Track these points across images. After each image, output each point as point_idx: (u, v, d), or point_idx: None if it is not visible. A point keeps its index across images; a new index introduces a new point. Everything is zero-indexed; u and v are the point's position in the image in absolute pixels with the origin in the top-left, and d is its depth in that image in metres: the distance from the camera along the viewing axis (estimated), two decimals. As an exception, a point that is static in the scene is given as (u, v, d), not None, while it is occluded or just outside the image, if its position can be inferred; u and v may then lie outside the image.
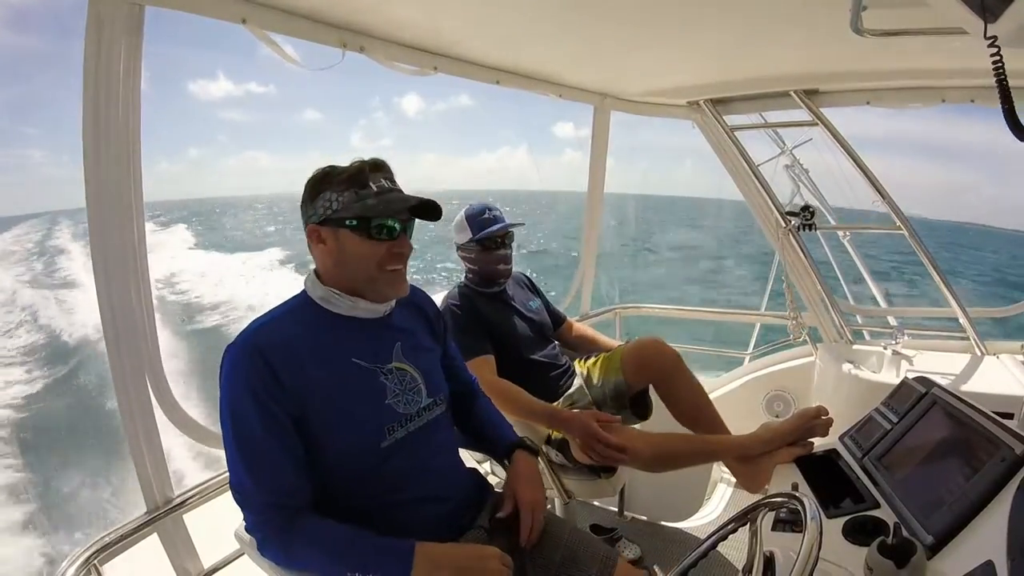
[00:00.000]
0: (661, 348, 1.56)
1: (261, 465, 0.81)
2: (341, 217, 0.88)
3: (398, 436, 0.90)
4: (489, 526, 0.98)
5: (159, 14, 1.07)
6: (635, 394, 1.56)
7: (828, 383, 2.33)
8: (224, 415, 0.83)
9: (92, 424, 6.55)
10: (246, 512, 0.83)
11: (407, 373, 0.95)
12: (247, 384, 0.81)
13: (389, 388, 0.92)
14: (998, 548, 0.68)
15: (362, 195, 0.88)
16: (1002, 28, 0.62)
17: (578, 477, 1.51)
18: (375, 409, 0.90)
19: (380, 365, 0.92)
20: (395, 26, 1.42)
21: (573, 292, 2.66)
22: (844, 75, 1.94)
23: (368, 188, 0.89)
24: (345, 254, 0.89)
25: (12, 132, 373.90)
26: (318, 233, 0.90)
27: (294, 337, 0.86)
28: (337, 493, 0.87)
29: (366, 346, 0.92)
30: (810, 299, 2.50)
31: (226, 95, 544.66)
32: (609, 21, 1.42)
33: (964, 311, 2.24)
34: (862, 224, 2.62)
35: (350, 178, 0.89)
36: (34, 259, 20.37)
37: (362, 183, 0.89)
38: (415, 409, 0.94)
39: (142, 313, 1.11)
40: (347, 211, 0.88)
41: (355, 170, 0.90)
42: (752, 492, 1.33)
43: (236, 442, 0.81)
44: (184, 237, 27.01)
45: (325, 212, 0.88)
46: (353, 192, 0.88)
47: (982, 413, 0.95)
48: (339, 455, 0.86)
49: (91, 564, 1.01)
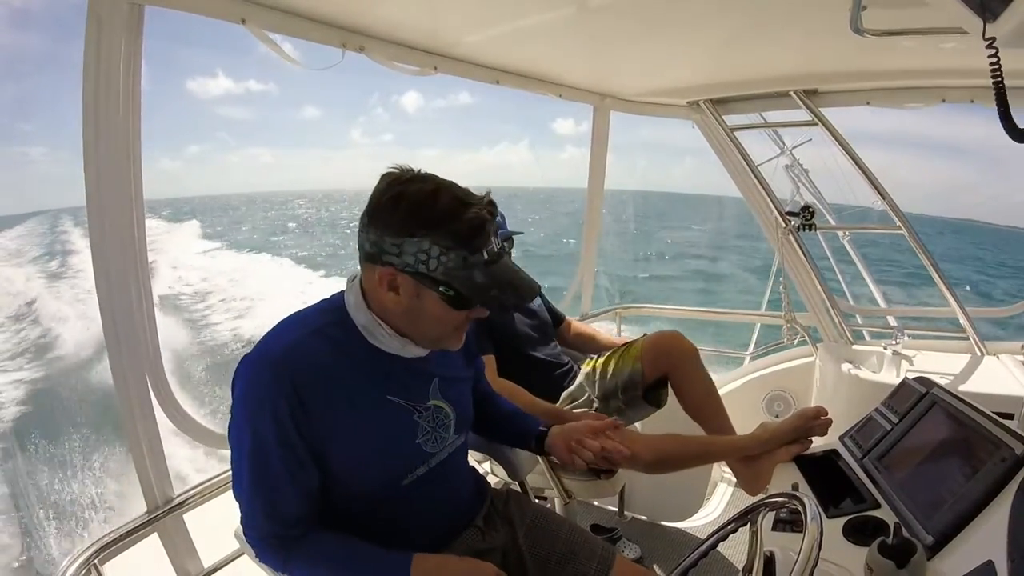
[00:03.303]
0: (680, 340, 1.58)
1: (271, 495, 0.76)
2: (437, 280, 0.74)
3: (419, 473, 0.85)
4: (484, 525, 0.98)
5: (159, 13, 1.07)
6: (650, 384, 1.57)
7: (828, 383, 2.33)
8: (240, 433, 0.75)
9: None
10: (246, 529, 0.80)
11: (442, 410, 0.88)
12: (271, 409, 0.72)
13: (421, 427, 0.85)
14: (998, 548, 0.68)
15: (470, 262, 0.74)
16: (1001, 28, 0.62)
17: (578, 477, 1.51)
18: (404, 450, 0.83)
19: (417, 403, 0.85)
20: (395, 26, 1.42)
21: (573, 292, 2.66)
22: (844, 75, 1.94)
23: (479, 255, 0.74)
24: (422, 314, 0.78)
25: (13, 129, 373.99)
26: (393, 279, 0.75)
27: (330, 366, 0.76)
28: (348, 516, 0.84)
29: (405, 382, 0.84)
30: (810, 299, 2.50)
31: (225, 92, 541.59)
32: (609, 21, 1.42)
33: (964, 311, 2.24)
34: (862, 224, 2.62)
35: (462, 235, 0.73)
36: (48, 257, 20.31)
37: (474, 247, 0.74)
38: (441, 448, 0.88)
39: (142, 313, 1.11)
40: (448, 276, 0.74)
41: (471, 227, 0.73)
42: (752, 494, 1.33)
43: (249, 466, 0.75)
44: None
45: (417, 266, 0.73)
46: (461, 257, 0.73)
47: (982, 413, 0.95)
48: (356, 492, 0.81)
49: (91, 564, 1.01)
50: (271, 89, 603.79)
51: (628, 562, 1.00)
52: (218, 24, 1.17)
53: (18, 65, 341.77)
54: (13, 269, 17.14)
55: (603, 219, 2.76)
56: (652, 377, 1.56)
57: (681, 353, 1.56)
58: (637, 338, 1.68)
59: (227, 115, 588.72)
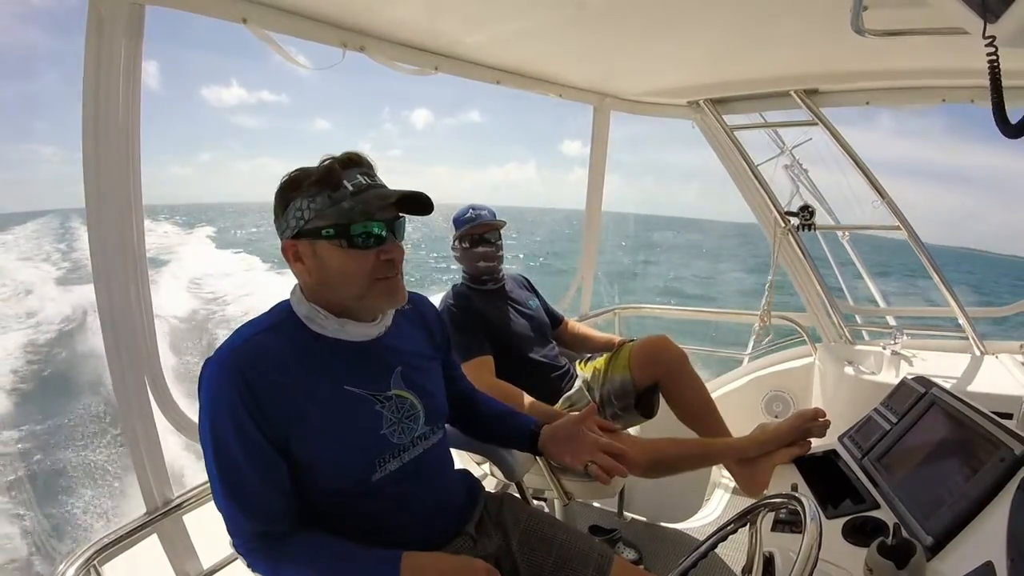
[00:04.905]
0: (668, 345, 1.58)
1: (243, 492, 0.76)
2: (316, 227, 0.78)
3: (391, 468, 0.84)
4: (476, 532, 0.96)
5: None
6: (641, 392, 1.56)
7: (827, 383, 2.33)
8: (204, 435, 0.76)
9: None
10: (232, 537, 0.79)
11: (406, 400, 0.87)
12: (227, 406, 0.74)
13: (385, 417, 0.84)
14: (998, 548, 0.69)
15: (336, 198, 0.78)
16: (1002, 28, 0.62)
17: (578, 478, 1.51)
18: (368, 441, 0.82)
19: (377, 393, 0.84)
20: (395, 26, 1.42)
21: (572, 292, 2.66)
22: (844, 75, 1.94)
23: (342, 188, 0.78)
24: (328, 270, 0.80)
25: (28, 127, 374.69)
26: (294, 249, 0.80)
27: (279, 360, 0.78)
28: (325, 514, 0.83)
29: (362, 372, 0.84)
30: (809, 299, 2.50)
31: (239, 101, 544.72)
32: (609, 20, 1.42)
33: (963, 311, 2.24)
34: (862, 224, 2.62)
35: (320, 180, 0.78)
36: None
37: (335, 184, 0.78)
38: (410, 438, 0.87)
39: (141, 313, 1.10)
40: (322, 219, 0.77)
41: (325, 170, 0.79)
42: (751, 496, 1.33)
43: (217, 466, 0.76)
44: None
45: (298, 224, 0.78)
46: (326, 196, 0.78)
47: (981, 413, 0.95)
48: (327, 486, 0.81)
49: (91, 564, 1.00)
50: (283, 100, 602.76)
51: (627, 564, 0.98)
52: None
53: (33, 63, 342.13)
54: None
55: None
56: (643, 384, 1.55)
57: (669, 359, 1.55)
58: (625, 342, 1.68)
59: (239, 123, 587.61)
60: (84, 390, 7.69)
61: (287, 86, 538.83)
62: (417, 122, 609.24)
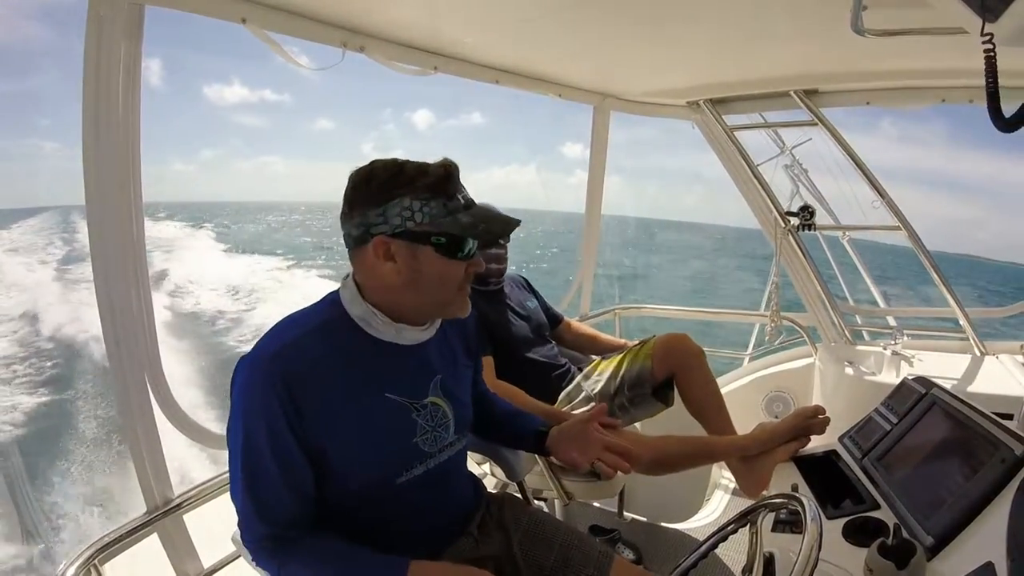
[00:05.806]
0: (688, 342, 1.62)
1: (265, 496, 0.76)
2: (426, 232, 0.76)
3: (416, 473, 0.84)
4: (478, 533, 0.96)
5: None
6: (659, 383, 1.58)
7: (828, 384, 2.33)
8: (235, 434, 0.76)
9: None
10: (242, 531, 0.79)
11: (440, 408, 0.87)
12: (264, 411, 0.73)
13: (419, 425, 0.84)
14: (998, 549, 0.69)
15: (451, 208, 0.76)
16: (1001, 27, 0.62)
17: (578, 478, 1.51)
18: (401, 448, 0.83)
19: (415, 400, 0.84)
20: (395, 26, 1.42)
21: (573, 292, 2.66)
22: (844, 75, 1.94)
23: (456, 200, 0.77)
24: (421, 274, 0.78)
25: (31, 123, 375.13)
26: (387, 247, 0.76)
27: (325, 364, 0.76)
28: (340, 513, 0.84)
29: (404, 378, 0.83)
30: (810, 299, 2.50)
31: (241, 100, 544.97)
32: (609, 21, 1.42)
33: (963, 311, 2.24)
34: (862, 224, 2.61)
35: (436, 185, 0.76)
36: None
37: (450, 193, 0.77)
38: (439, 447, 0.87)
39: (142, 313, 1.10)
40: (434, 226, 0.75)
41: (441, 175, 0.77)
42: (751, 496, 1.33)
43: (243, 467, 0.75)
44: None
45: (403, 223, 0.75)
46: (441, 203, 0.76)
47: (981, 413, 0.95)
48: (349, 487, 0.81)
49: (91, 564, 1.01)
50: (286, 99, 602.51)
51: (627, 564, 0.99)
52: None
53: (38, 59, 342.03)
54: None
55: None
56: (661, 375, 1.58)
57: (688, 353, 1.59)
58: (649, 337, 1.70)
59: (241, 122, 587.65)
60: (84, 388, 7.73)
61: (289, 86, 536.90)
62: (419, 123, 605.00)
